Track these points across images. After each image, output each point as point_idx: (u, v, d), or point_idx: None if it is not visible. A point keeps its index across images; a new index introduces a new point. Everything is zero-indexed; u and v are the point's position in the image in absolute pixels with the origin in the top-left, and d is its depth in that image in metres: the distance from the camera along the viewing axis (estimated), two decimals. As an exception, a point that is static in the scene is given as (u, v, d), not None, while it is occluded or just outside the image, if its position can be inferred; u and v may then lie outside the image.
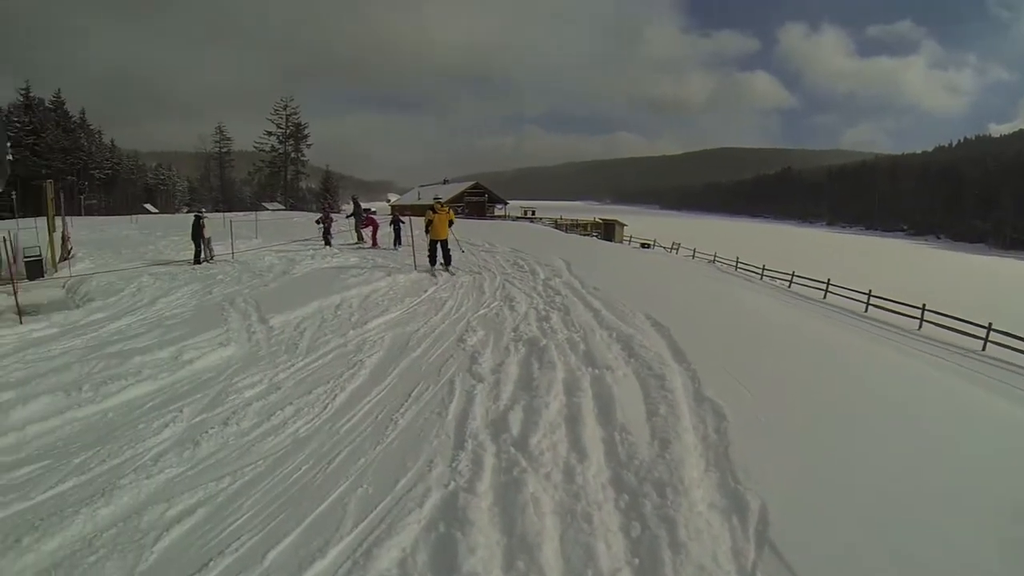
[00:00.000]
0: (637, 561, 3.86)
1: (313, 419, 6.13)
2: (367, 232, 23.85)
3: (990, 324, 22.38)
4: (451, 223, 16.27)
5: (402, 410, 6.28)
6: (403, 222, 23.12)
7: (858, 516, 4.30)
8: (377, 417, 6.15)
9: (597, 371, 7.15)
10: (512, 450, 5.27)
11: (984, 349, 21.89)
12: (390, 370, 7.63)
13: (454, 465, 5.06)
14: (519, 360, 7.80)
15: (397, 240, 22.94)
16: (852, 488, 4.68)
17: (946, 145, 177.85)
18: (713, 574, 3.71)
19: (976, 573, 3.84)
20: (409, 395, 6.71)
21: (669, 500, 4.41)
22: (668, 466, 4.90)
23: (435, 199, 18.03)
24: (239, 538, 4.09)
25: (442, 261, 15.99)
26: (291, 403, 6.49)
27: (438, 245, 16.04)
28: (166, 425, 5.92)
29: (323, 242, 23.00)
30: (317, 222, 24.89)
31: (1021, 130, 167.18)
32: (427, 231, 16.10)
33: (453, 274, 15.21)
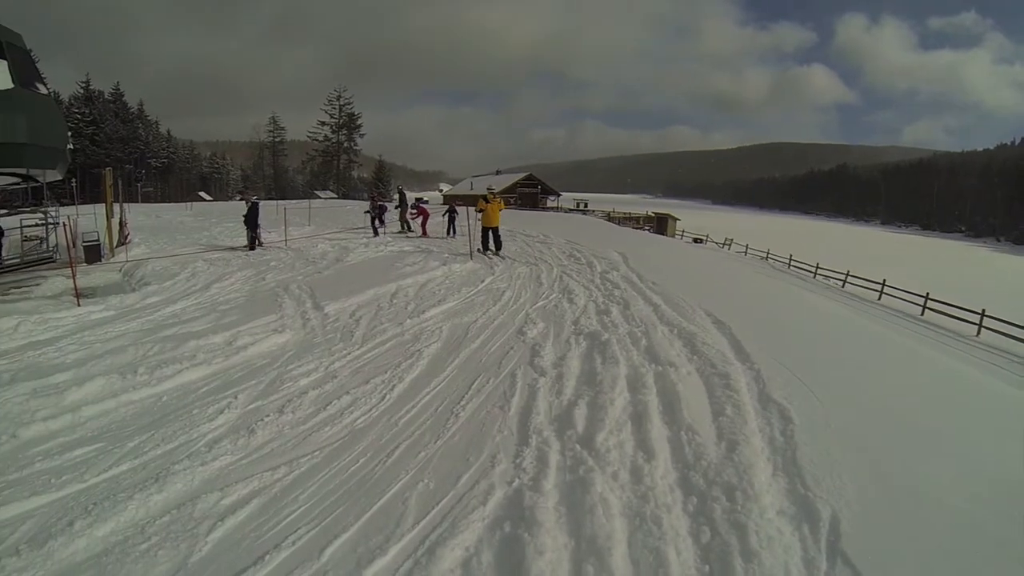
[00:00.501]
0: (707, 568, 3.65)
1: (371, 410, 5.97)
2: (418, 222, 23.66)
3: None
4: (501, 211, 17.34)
5: (463, 403, 6.09)
6: (457, 212, 23.06)
7: (937, 532, 3.99)
8: (437, 409, 5.97)
9: (660, 368, 6.85)
10: (577, 447, 5.04)
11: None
12: (449, 361, 7.45)
13: (518, 462, 4.86)
14: (581, 354, 7.54)
15: (451, 230, 22.92)
16: (931, 502, 4.36)
17: (1009, 143, 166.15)
18: (785, 585, 3.47)
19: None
20: (470, 387, 6.52)
21: (739, 505, 4.18)
22: (736, 469, 4.66)
23: (488, 189, 18.39)
24: (295, 531, 3.93)
25: (493, 248, 16.82)
26: (348, 392, 6.35)
27: (490, 232, 17.07)
28: (220, 412, 5.82)
29: (372, 232, 22.82)
30: (366, 212, 24.54)
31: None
32: (478, 213, 17.27)
33: (503, 258, 15.82)
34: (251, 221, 18.38)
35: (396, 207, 25.40)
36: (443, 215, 23.79)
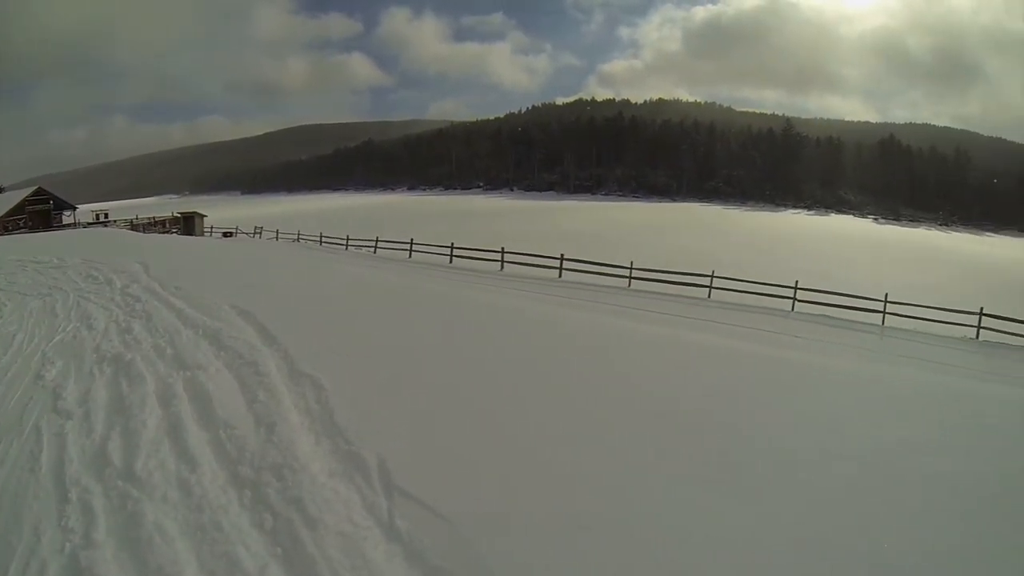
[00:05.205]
0: (280, 551, 3.57)
1: None
2: None
3: (562, 255, 24.87)
4: None
5: (-13, 481, 4.87)
6: None
7: (464, 439, 4.58)
8: (-42, 503, 4.67)
9: (189, 373, 6.34)
10: (120, 483, 4.40)
11: (560, 276, 24.34)
12: (-39, 437, 5.85)
13: (64, 523, 4.04)
14: (106, 382, 6.53)
15: None
16: (454, 417, 4.98)
17: (516, 112, 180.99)
18: (355, 535, 3.59)
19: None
20: (-9, 460, 5.22)
21: (290, 481, 4.16)
22: (279, 449, 4.61)
23: None
24: None
25: None
26: None
27: None
28: None
29: None
30: None
31: (580, 100, 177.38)
32: None
33: None
34: None
35: None
36: None
